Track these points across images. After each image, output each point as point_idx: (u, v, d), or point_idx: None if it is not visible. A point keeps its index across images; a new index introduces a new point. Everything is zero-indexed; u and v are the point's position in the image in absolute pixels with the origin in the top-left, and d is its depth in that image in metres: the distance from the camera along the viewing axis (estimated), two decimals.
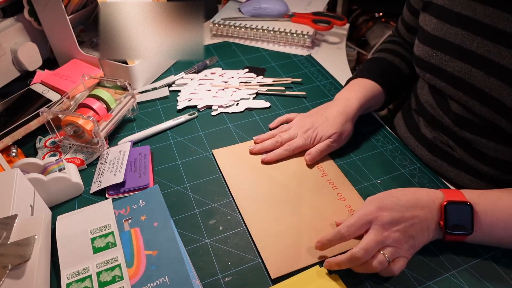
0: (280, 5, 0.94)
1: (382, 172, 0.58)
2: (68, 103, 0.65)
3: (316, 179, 0.56)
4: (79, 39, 0.80)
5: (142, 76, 0.76)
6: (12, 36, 0.72)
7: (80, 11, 0.76)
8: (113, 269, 0.44)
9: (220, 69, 0.82)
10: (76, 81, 0.69)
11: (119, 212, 0.51)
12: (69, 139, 0.62)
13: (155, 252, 0.47)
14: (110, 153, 0.60)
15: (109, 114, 0.63)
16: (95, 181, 0.56)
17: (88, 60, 0.75)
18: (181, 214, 0.52)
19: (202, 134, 0.66)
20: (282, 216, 0.51)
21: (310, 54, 0.88)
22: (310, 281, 0.44)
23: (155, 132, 0.66)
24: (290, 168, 0.58)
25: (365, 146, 0.63)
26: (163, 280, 0.44)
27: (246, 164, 0.59)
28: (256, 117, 0.70)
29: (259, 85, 0.77)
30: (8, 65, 0.72)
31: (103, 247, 0.46)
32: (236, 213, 0.53)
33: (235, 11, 0.97)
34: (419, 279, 0.45)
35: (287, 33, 0.89)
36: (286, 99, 0.74)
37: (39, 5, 0.71)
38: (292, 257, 0.47)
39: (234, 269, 0.46)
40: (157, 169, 0.59)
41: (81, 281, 0.43)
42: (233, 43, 0.93)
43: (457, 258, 0.47)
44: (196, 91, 0.75)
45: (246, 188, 0.55)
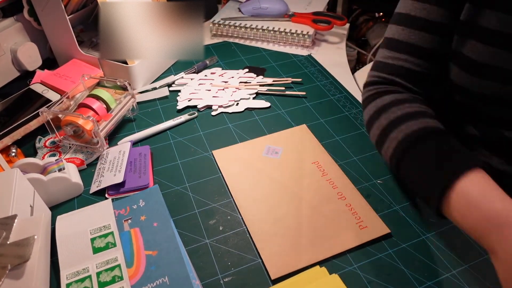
0: (280, 5, 0.94)
1: (382, 172, 0.58)
2: (68, 103, 0.65)
3: (316, 179, 0.56)
4: (79, 39, 0.80)
5: (142, 76, 0.76)
6: (11, 36, 0.72)
7: (80, 11, 0.76)
8: (113, 269, 0.44)
9: (220, 69, 0.82)
10: (76, 81, 0.69)
11: (119, 212, 0.51)
12: (69, 139, 0.62)
13: (155, 252, 0.46)
14: (110, 153, 0.60)
15: (109, 114, 0.63)
16: (95, 181, 0.56)
17: (88, 60, 0.75)
18: (181, 214, 0.52)
19: (202, 134, 0.66)
20: (282, 216, 0.51)
21: (310, 54, 0.88)
22: (310, 281, 0.44)
23: (155, 132, 0.66)
24: (290, 168, 0.58)
25: (365, 146, 0.63)
26: (163, 280, 0.44)
27: (246, 164, 0.59)
28: (256, 117, 0.70)
29: (259, 85, 0.77)
30: (8, 65, 0.72)
31: (103, 247, 0.46)
32: (236, 213, 0.53)
33: (235, 11, 0.97)
34: (419, 279, 0.45)
35: (287, 33, 0.89)
36: (286, 99, 0.74)
37: (38, 5, 0.71)
38: (292, 257, 0.46)
39: (234, 269, 0.46)
40: (157, 169, 0.59)
41: (80, 281, 0.43)
42: (233, 43, 0.93)
43: (457, 258, 0.47)
44: (196, 91, 0.75)
45: (246, 188, 0.55)
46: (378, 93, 0.52)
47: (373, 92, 0.53)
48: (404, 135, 0.45)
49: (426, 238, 0.49)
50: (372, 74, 0.55)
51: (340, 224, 0.50)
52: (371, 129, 0.51)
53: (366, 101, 0.54)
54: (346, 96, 0.74)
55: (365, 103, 0.54)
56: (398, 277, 0.45)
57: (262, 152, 0.61)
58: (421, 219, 0.51)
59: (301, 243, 0.48)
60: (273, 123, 0.68)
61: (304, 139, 0.64)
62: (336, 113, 0.70)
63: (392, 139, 0.47)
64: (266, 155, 0.61)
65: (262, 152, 0.61)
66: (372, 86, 0.54)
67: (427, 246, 0.48)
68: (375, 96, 0.52)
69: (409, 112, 0.47)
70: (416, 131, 0.44)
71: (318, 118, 0.69)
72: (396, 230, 0.50)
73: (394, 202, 0.53)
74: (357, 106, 0.71)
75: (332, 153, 0.61)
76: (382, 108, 0.50)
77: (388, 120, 0.48)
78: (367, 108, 0.53)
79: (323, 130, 0.66)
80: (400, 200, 0.54)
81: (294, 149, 0.62)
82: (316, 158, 0.60)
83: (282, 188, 0.55)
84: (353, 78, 0.80)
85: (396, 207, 0.53)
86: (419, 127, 0.45)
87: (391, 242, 0.48)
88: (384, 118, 0.49)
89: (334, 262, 0.46)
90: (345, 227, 0.50)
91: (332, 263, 0.46)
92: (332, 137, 0.65)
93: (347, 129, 0.66)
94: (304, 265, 0.46)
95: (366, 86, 0.56)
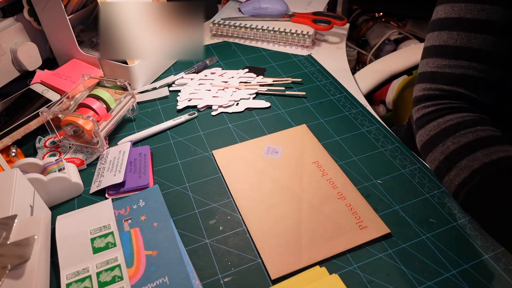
0: (280, 5, 0.94)
1: (382, 172, 0.58)
2: (68, 103, 0.65)
3: (317, 179, 0.56)
4: (79, 39, 0.80)
5: (142, 76, 0.76)
6: (11, 36, 0.72)
7: (80, 11, 0.76)
8: (113, 269, 0.44)
9: (220, 69, 0.82)
10: (76, 81, 0.69)
11: (119, 212, 0.51)
12: (69, 139, 0.62)
13: (155, 252, 0.47)
14: (110, 153, 0.60)
15: (109, 114, 0.63)
16: (95, 181, 0.56)
17: (88, 60, 0.75)
18: (181, 214, 0.52)
19: (202, 134, 0.66)
20: (282, 216, 0.51)
21: (310, 54, 0.88)
22: (310, 281, 0.44)
23: (155, 132, 0.66)
24: (290, 168, 0.58)
25: (365, 146, 0.63)
26: (163, 280, 0.44)
27: (246, 164, 0.59)
28: (256, 117, 0.70)
29: (259, 85, 0.77)
30: (8, 65, 0.72)
31: (103, 247, 0.46)
32: (236, 213, 0.53)
33: (235, 11, 0.97)
34: (419, 279, 0.45)
35: (287, 33, 0.89)
36: (286, 99, 0.74)
37: (38, 5, 0.71)
38: (292, 257, 0.46)
39: (234, 269, 0.46)
40: (157, 169, 0.59)
41: (80, 281, 0.43)
42: (233, 43, 0.93)
43: (457, 258, 0.47)
44: (196, 91, 0.75)
45: (246, 188, 0.55)
46: (438, 111, 0.47)
47: (431, 109, 0.47)
48: (482, 164, 0.40)
49: (426, 238, 0.49)
50: (426, 87, 0.49)
51: (340, 224, 0.50)
52: (431, 152, 0.46)
53: (423, 120, 0.48)
54: (346, 96, 0.74)
55: (422, 122, 0.48)
56: (398, 277, 0.45)
57: (262, 152, 0.61)
58: (421, 219, 0.51)
59: (301, 243, 0.48)
60: (273, 123, 0.68)
61: (304, 139, 0.64)
62: (336, 113, 0.70)
63: (463, 168, 0.41)
64: (266, 154, 0.61)
65: (262, 152, 0.61)
66: (429, 101, 0.48)
67: (427, 246, 0.48)
68: (435, 115, 0.47)
69: (483, 137, 0.42)
70: (497, 162, 0.39)
71: (318, 118, 0.69)
72: (396, 230, 0.50)
73: (394, 202, 0.53)
74: (357, 106, 0.71)
75: (332, 153, 0.61)
76: (447, 130, 0.44)
77: (458, 145, 0.43)
78: (425, 128, 0.47)
79: (323, 130, 0.66)
80: (400, 200, 0.54)
81: (294, 149, 0.62)
82: (316, 158, 0.60)
83: (282, 188, 0.55)
84: (353, 78, 0.80)
85: (396, 207, 0.53)
86: (499, 156, 0.39)
87: (391, 242, 0.48)
88: (451, 142, 0.43)
89: (334, 262, 0.46)
90: (345, 227, 0.50)
91: (332, 263, 0.46)
92: (332, 137, 0.65)
93: (347, 129, 0.66)
94: (304, 265, 0.46)
95: (420, 102, 0.49)
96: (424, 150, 0.47)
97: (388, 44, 1.43)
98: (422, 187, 0.55)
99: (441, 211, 0.52)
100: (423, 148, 0.47)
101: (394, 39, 1.42)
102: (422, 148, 0.47)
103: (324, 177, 0.57)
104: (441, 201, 0.53)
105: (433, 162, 0.46)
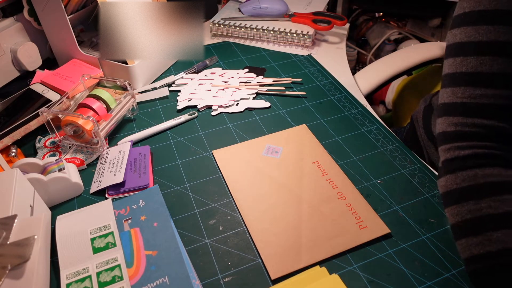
0: (280, 5, 0.94)
1: (382, 172, 0.58)
2: (68, 103, 0.65)
3: (317, 179, 0.56)
4: (79, 39, 0.80)
5: (142, 76, 0.76)
6: (11, 36, 0.72)
7: (80, 11, 0.76)
8: (113, 269, 0.44)
9: (220, 69, 0.82)
10: (76, 81, 0.69)
11: (119, 212, 0.51)
12: (69, 139, 0.62)
13: (155, 252, 0.47)
14: (110, 153, 0.60)
15: (109, 114, 0.63)
16: (95, 181, 0.56)
17: (88, 60, 0.75)
18: (181, 214, 0.52)
19: (202, 134, 0.66)
20: (282, 216, 0.51)
21: (310, 54, 0.88)
22: (310, 281, 0.44)
23: (155, 132, 0.66)
24: (290, 168, 0.58)
25: (365, 146, 0.63)
26: (163, 280, 0.44)
27: (246, 164, 0.59)
28: (256, 117, 0.70)
29: (259, 85, 0.77)
30: (8, 65, 0.72)
31: (103, 247, 0.46)
32: (236, 213, 0.53)
33: (235, 11, 0.97)
34: (419, 279, 0.45)
35: (287, 33, 0.89)
36: (286, 99, 0.74)
37: (38, 5, 0.71)
38: (292, 257, 0.46)
39: (234, 269, 0.46)
40: (157, 169, 0.59)
41: (80, 281, 0.43)
42: (233, 43, 0.93)
43: (457, 258, 0.47)
44: (196, 91, 0.75)
45: (246, 188, 0.55)
46: (477, 157, 0.39)
47: (467, 152, 0.40)
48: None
49: (426, 238, 0.49)
50: (457, 122, 0.41)
51: (340, 224, 0.50)
52: (456, 205, 0.39)
53: (455, 164, 0.41)
54: (346, 96, 0.74)
55: (453, 166, 0.41)
56: (398, 277, 0.45)
57: (262, 152, 0.61)
58: (421, 219, 0.51)
59: (301, 243, 0.48)
60: (273, 123, 0.68)
61: (304, 139, 0.64)
62: (336, 113, 0.70)
63: (493, 241, 0.35)
64: (266, 154, 0.61)
65: (262, 152, 0.61)
66: (464, 141, 0.41)
67: (427, 246, 0.48)
68: (472, 162, 0.39)
69: None
70: None
71: (318, 118, 0.69)
72: (396, 230, 0.50)
73: (394, 202, 0.53)
74: (357, 106, 0.71)
75: (332, 153, 0.61)
76: (485, 188, 0.38)
77: (495, 212, 0.36)
78: (456, 174, 0.40)
79: (323, 130, 0.66)
80: (400, 200, 0.54)
81: (294, 149, 0.62)
82: (316, 158, 0.60)
83: (282, 187, 0.55)
84: (353, 78, 0.80)
85: (396, 207, 0.53)
86: None
87: (391, 242, 0.48)
88: (487, 204, 0.37)
89: (334, 262, 0.46)
90: (345, 227, 0.50)
91: (332, 263, 0.46)
92: (332, 137, 0.65)
93: (347, 129, 0.66)
94: (304, 265, 0.46)
95: (452, 140, 0.42)
96: (448, 199, 0.41)
97: (388, 44, 1.43)
98: (422, 187, 0.55)
99: (441, 211, 0.52)
100: (446, 196, 0.41)
101: (394, 39, 1.42)
102: (446, 195, 0.41)
103: (324, 177, 0.57)
104: (441, 201, 0.53)
105: (454, 216, 0.40)
